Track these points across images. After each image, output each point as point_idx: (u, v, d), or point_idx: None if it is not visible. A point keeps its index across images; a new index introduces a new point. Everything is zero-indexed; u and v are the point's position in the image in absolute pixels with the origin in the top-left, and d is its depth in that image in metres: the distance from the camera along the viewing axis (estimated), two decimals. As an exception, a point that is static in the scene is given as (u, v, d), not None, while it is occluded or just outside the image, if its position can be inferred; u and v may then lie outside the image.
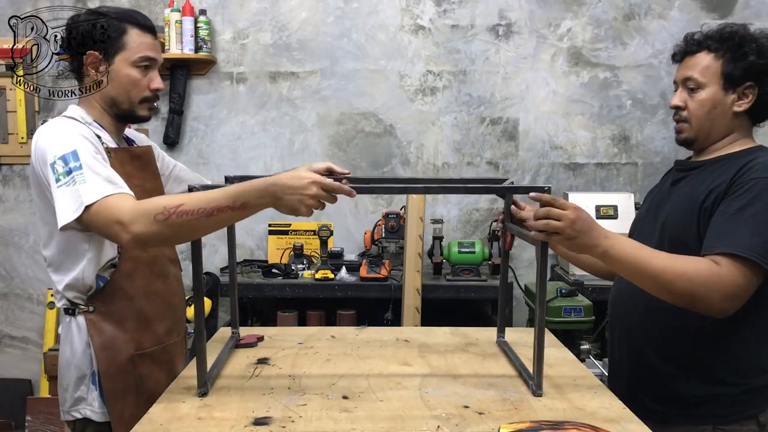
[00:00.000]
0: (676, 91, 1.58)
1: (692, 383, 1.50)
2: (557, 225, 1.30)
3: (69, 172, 1.35)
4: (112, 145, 1.53)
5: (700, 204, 1.47)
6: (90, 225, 1.36)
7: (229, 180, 1.63)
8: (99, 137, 1.48)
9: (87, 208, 1.32)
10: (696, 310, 1.38)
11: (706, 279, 1.34)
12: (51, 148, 1.39)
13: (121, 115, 1.56)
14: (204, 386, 1.35)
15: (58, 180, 1.36)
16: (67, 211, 1.34)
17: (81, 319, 1.52)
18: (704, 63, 1.50)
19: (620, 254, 1.36)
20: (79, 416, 1.54)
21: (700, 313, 1.38)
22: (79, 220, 1.34)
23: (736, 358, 1.49)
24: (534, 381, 1.34)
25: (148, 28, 1.52)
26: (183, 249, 2.49)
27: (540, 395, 1.33)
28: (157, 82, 1.54)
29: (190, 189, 1.35)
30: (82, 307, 1.51)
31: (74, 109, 1.54)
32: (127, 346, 1.53)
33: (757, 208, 1.38)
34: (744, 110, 1.51)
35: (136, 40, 1.49)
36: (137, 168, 1.58)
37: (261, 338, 1.75)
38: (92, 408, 1.54)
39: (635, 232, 1.69)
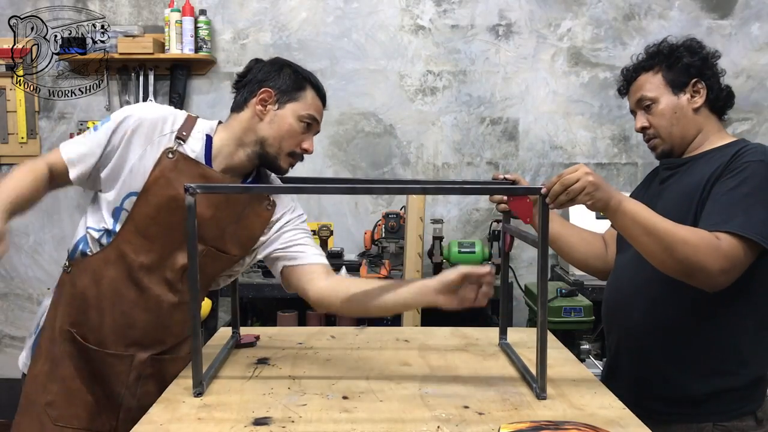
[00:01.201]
0: (635, 117, 1.65)
1: (693, 381, 1.51)
2: (576, 187, 1.33)
3: (94, 128, 1.54)
4: (191, 154, 1.48)
5: (694, 194, 1.49)
6: None
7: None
8: (181, 141, 1.48)
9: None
10: (690, 281, 1.40)
11: (708, 249, 1.36)
12: (120, 109, 1.56)
13: (261, 155, 1.54)
14: (199, 386, 1.34)
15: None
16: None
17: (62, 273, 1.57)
18: (648, 81, 1.60)
19: (634, 208, 1.40)
20: (24, 371, 1.60)
21: (694, 284, 1.40)
22: None
23: (735, 353, 1.50)
24: (538, 384, 1.34)
25: (323, 95, 1.62)
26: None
27: (544, 398, 1.32)
28: (309, 143, 1.58)
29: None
30: (65, 263, 1.55)
31: (203, 120, 1.56)
32: (65, 319, 1.51)
33: (749, 188, 1.42)
34: (702, 104, 1.58)
35: (310, 99, 1.58)
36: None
37: (257, 338, 1.75)
38: (24, 360, 1.60)
39: None
